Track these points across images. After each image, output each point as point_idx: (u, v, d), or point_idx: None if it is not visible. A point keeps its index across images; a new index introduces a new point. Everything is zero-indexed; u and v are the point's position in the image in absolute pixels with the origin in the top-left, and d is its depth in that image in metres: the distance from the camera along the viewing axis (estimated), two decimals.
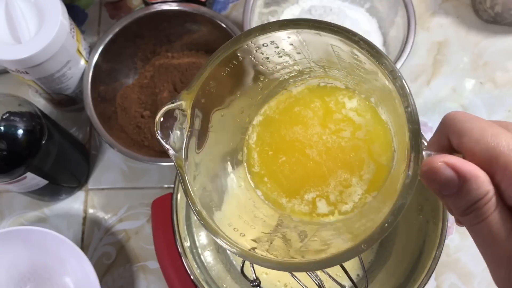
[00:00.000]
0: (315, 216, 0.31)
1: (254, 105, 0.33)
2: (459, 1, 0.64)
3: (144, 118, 0.57)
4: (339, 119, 0.32)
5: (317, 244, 0.28)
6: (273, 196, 0.32)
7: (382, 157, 0.31)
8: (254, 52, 0.29)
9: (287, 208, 0.31)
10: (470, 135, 0.24)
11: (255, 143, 0.33)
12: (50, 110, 0.60)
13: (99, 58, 0.55)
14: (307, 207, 0.31)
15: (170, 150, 0.28)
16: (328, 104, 0.32)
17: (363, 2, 0.59)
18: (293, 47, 0.29)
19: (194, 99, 0.28)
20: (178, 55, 0.59)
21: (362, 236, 0.25)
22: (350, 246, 0.25)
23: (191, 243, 0.46)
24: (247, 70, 0.31)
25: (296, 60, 0.31)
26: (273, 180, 0.32)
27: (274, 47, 0.29)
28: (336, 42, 0.27)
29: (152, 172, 0.58)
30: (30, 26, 0.47)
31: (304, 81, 0.33)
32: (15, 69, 0.48)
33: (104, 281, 0.54)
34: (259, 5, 0.57)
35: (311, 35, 0.27)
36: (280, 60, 0.31)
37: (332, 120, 0.32)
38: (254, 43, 0.28)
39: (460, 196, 0.23)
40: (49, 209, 0.57)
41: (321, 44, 0.28)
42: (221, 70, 0.29)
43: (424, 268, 0.46)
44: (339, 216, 0.31)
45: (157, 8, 0.56)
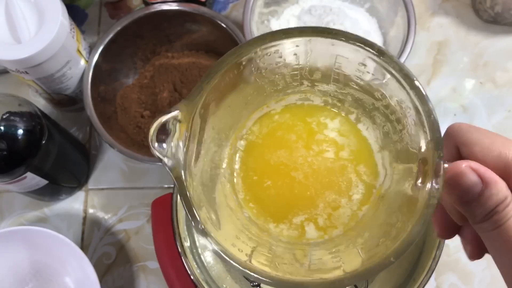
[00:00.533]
0: (305, 239, 0.31)
1: (239, 119, 0.33)
2: (459, 1, 0.64)
3: (144, 118, 0.57)
4: (322, 140, 0.32)
5: (326, 263, 0.28)
6: (260, 222, 0.31)
7: (369, 176, 0.31)
8: (257, 61, 0.29)
9: (274, 233, 0.31)
10: (481, 144, 0.24)
11: (239, 168, 0.32)
12: (50, 110, 0.60)
13: (99, 58, 0.55)
14: (296, 232, 0.31)
15: (168, 162, 0.27)
16: (310, 126, 0.32)
17: (363, 2, 0.59)
18: (296, 57, 0.29)
19: (196, 110, 0.27)
20: (178, 55, 0.59)
21: (380, 249, 0.25)
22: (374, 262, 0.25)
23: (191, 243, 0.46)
24: (243, 81, 0.30)
25: (290, 73, 0.31)
26: (259, 205, 0.31)
27: (277, 57, 0.29)
28: (346, 52, 0.27)
29: (152, 172, 0.58)
30: (30, 26, 0.47)
31: (285, 97, 0.33)
32: (15, 69, 0.48)
33: (104, 281, 0.54)
34: (259, 5, 0.57)
35: (321, 45, 0.28)
36: (276, 71, 0.30)
37: (316, 142, 0.32)
38: (261, 51, 0.28)
39: (481, 201, 0.23)
40: (49, 209, 0.57)
41: (326, 55, 0.28)
42: (223, 80, 0.28)
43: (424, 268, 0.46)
44: (328, 236, 0.30)
45: (157, 8, 0.56)
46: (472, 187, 0.23)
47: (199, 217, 0.26)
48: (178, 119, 0.27)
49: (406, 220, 0.25)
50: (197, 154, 0.29)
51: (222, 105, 0.30)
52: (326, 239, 0.30)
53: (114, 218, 0.56)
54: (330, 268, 0.27)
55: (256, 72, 0.30)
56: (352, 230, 0.30)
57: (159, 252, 0.46)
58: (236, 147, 0.33)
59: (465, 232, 0.27)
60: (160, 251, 0.46)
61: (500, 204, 0.23)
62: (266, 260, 0.27)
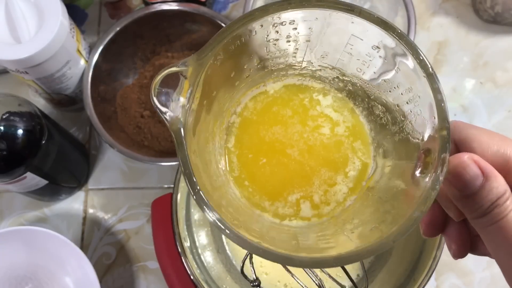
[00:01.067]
0: (298, 218, 0.30)
1: (236, 92, 0.32)
2: (459, 1, 0.64)
3: (144, 118, 0.57)
4: (316, 115, 0.31)
5: (313, 243, 0.28)
6: (255, 200, 0.31)
7: (365, 154, 0.30)
8: (271, 28, 0.27)
9: (270, 211, 0.30)
10: (479, 140, 0.25)
11: (233, 146, 0.31)
12: (50, 110, 0.60)
13: (99, 58, 0.55)
14: (291, 209, 0.30)
15: (168, 112, 0.25)
16: (303, 102, 0.32)
17: (363, 2, 0.59)
18: (310, 31, 0.28)
19: (204, 68, 0.26)
20: (178, 55, 0.59)
21: (374, 234, 0.25)
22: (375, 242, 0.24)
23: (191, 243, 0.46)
24: (251, 49, 0.29)
25: (297, 50, 0.30)
26: (254, 183, 0.31)
27: (292, 28, 0.28)
28: (363, 33, 0.26)
29: (152, 172, 0.58)
30: (30, 26, 0.47)
31: (284, 78, 0.32)
32: (15, 69, 0.48)
33: (104, 281, 0.54)
34: (259, 5, 0.57)
35: (341, 21, 0.26)
36: (284, 46, 0.29)
37: (310, 117, 0.31)
38: (279, 17, 0.27)
39: (482, 195, 0.23)
40: (49, 209, 0.57)
41: (341, 33, 0.27)
42: (233, 42, 0.27)
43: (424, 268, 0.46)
44: (324, 217, 0.30)
45: (157, 8, 0.56)
46: (474, 179, 0.23)
47: (195, 179, 0.25)
48: (185, 75, 0.26)
49: (405, 207, 0.25)
50: (197, 115, 0.27)
51: (227, 71, 0.29)
52: (310, 224, 0.30)
53: (114, 218, 0.56)
54: (322, 248, 0.27)
55: (267, 41, 0.28)
56: (335, 218, 0.30)
57: (159, 252, 0.46)
58: (230, 122, 0.32)
59: (450, 230, 0.27)
60: (160, 251, 0.46)
61: (500, 197, 0.23)
62: (257, 234, 0.27)
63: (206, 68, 0.26)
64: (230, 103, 0.32)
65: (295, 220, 0.30)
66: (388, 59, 0.27)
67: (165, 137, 0.56)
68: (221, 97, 0.30)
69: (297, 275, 0.39)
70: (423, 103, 0.26)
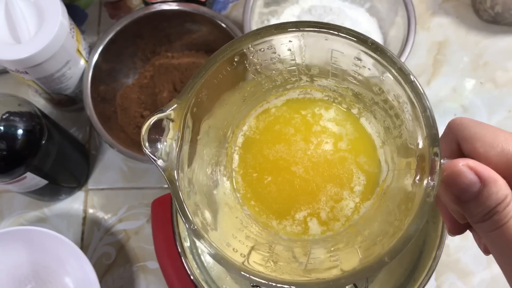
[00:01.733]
0: (308, 235, 0.30)
1: (237, 116, 0.32)
2: (459, 1, 0.64)
3: (144, 118, 0.57)
4: (319, 131, 0.31)
5: (323, 262, 0.28)
6: (263, 219, 0.31)
7: (370, 166, 0.30)
8: (250, 57, 0.28)
9: (279, 230, 0.30)
10: (483, 140, 0.24)
11: (238, 166, 0.32)
12: (50, 110, 0.60)
13: (99, 58, 0.55)
14: (299, 227, 0.30)
15: (160, 163, 0.26)
16: (306, 118, 0.32)
17: (363, 2, 0.59)
18: (290, 53, 0.29)
19: (187, 108, 0.27)
20: (178, 55, 0.59)
21: (376, 249, 0.25)
22: (370, 262, 0.24)
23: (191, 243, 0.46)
24: (237, 77, 0.29)
25: (286, 68, 0.30)
26: (260, 202, 0.31)
27: (271, 53, 0.28)
28: (341, 47, 0.27)
29: (152, 172, 0.58)
30: (30, 26, 0.47)
31: (285, 92, 0.32)
32: (15, 69, 0.48)
33: (104, 281, 0.54)
34: (259, 5, 0.57)
35: (315, 39, 0.27)
36: (272, 67, 0.30)
37: (313, 134, 0.31)
38: (253, 47, 0.27)
39: (480, 201, 0.23)
40: (49, 209, 0.57)
41: (321, 50, 0.28)
42: (215, 77, 0.28)
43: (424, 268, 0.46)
44: (331, 232, 0.30)
45: (157, 8, 0.56)
46: (470, 186, 0.23)
47: (192, 218, 0.26)
48: (171, 118, 0.26)
49: (403, 218, 0.25)
50: (191, 154, 0.28)
51: (218, 103, 0.30)
52: (327, 236, 0.30)
53: (114, 218, 0.56)
54: (327, 267, 0.27)
55: (251, 68, 0.29)
56: (353, 227, 0.30)
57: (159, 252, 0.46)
58: (236, 144, 0.32)
59: None
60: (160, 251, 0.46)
61: (500, 203, 0.22)
62: (263, 260, 0.27)
63: (190, 107, 0.27)
64: (232, 128, 0.32)
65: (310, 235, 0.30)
66: (374, 68, 0.27)
67: None
68: (220, 127, 0.31)
69: None
70: (410, 110, 0.25)
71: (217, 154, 0.32)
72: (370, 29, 0.58)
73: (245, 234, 0.29)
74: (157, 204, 0.47)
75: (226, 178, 0.32)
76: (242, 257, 0.27)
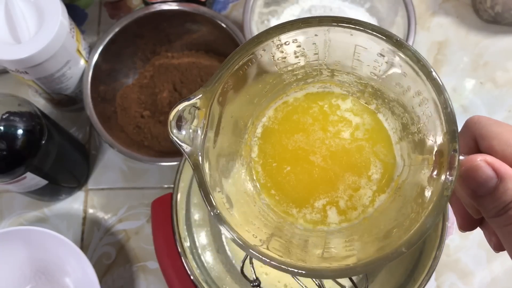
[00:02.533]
0: (326, 224, 0.31)
1: (258, 107, 0.33)
2: (459, 1, 0.64)
3: (144, 118, 0.57)
4: (336, 121, 0.32)
5: (339, 251, 0.28)
6: (283, 208, 0.31)
7: (387, 155, 0.31)
8: (275, 49, 0.29)
9: (298, 218, 0.31)
10: (500, 138, 0.24)
11: (257, 156, 0.32)
12: (50, 110, 0.60)
13: (99, 58, 0.55)
14: (318, 215, 0.31)
15: (186, 148, 0.27)
16: (323, 108, 0.32)
17: (363, 2, 0.59)
18: (315, 46, 0.29)
19: (213, 97, 0.28)
20: (178, 55, 0.59)
21: (392, 240, 0.25)
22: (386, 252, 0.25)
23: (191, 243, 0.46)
24: (261, 69, 0.30)
25: (309, 62, 0.31)
26: (280, 191, 0.32)
27: (296, 46, 0.29)
28: (365, 42, 0.27)
29: (152, 172, 0.58)
30: (30, 26, 0.47)
31: (305, 86, 0.33)
32: (15, 69, 0.48)
33: (104, 281, 0.54)
34: (259, 5, 0.57)
35: (341, 34, 0.27)
36: (294, 60, 0.30)
37: (331, 123, 0.32)
38: (280, 39, 0.28)
39: (496, 196, 0.23)
40: (49, 209, 0.57)
41: (345, 45, 0.28)
42: (241, 68, 0.29)
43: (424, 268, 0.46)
44: (347, 222, 0.31)
45: (157, 8, 0.56)
46: (487, 181, 0.23)
47: (215, 203, 0.27)
48: (197, 106, 0.28)
49: (420, 211, 0.25)
50: (214, 141, 0.29)
51: (241, 93, 0.30)
52: (342, 227, 0.30)
53: (114, 218, 0.56)
54: (343, 256, 0.27)
55: (275, 60, 0.30)
56: (367, 220, 0.30)
57: (159, 252, 0.46)
58: (254, 134, 0.33)
59: (487, 223, 0.26)
60: (160, 251, 0.46)
61: None
62: (280, 247, 0.28)
63: (216, 96, 0.28)
64: (252, 119, 0.33)
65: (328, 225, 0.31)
66: (394, 64, 0.28)
67: (165, 137, 0.56)
68: (241, 117, 0.32)
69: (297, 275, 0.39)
70: (431, 106, 0.26)
71: (237, 143, 0.32)
72: None
73: (263, 222, 0.30)
74: (157, 204, 0.47)
75: (245, 167, 0.32)
76: (261, 243, 0.27)
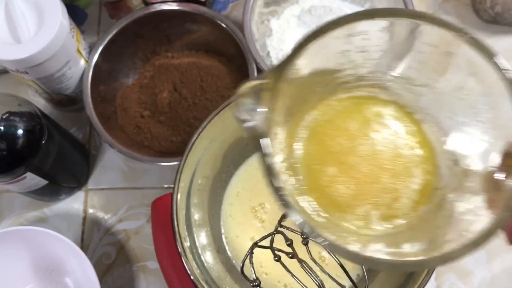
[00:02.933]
0: (368, 229, 0.30)
1: (308, 104, 0.32)
2: (459, 1, 0.64)
3: (144, 118, 0.57)
4: (380, 128, 0.31)
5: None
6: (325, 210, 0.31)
7: (429, 166, 0.30)
8: (343, 40, 0.28)
9: (339, 224, 0.30)
10: None
11: (301, 158, 0.32)
12: (50, 110, 0.60)
13: (99, 58, 0.55)
14: (360, 222, 0.30)
15: (252, 125, 0.26)
16: (367, 114, 0.32)
17: (363, 2, 0.59)
18: (381, 41, 0.29)
19: (280, 80, 0.27)
20: (178, 55, 0.60)
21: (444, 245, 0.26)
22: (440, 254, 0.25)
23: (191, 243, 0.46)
24: (327, 59, 0.30)
25: (367, 60, 0.30)
26: (322, 195, 0.31)
27: (363, 39, 0.28)
28: (434, 38, 0.27)
29: (152, 172, 0.58)
30: (30, 26, 0.47)
31: (354, 89, 0.32)
32: (15, 69, 0.48)
33: (104, 281, 0.54)
34: (259, 5, 0.57)
35: (408, 28, 0.27)
36: (357, 55, 0.30)
37: (375, 130, 0.31)
38: (349, 30, 0.27)
39: None
40: (49, 209, 0.57)
41: (411, 41, 0.28)
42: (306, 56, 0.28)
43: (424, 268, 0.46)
44: (391, 227, 0.30)
45: (157, 8, 0.56)
46: None
47: (282, 186, 0.26)
48: (264, 87, 0.27)
49: (484, 213, 0.25)
50: (275, 126, 0.29)
51: (301, 84, 0.30)
52: (387, 233, 0.30)
53: (114, 218, 0.56)
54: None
55: (338, 54, 0.29)
56: (413, 225, 0.30)
57: (159, 252, 0.46)
58: (300, 133, 0.32)
59: None
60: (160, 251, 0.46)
61: None
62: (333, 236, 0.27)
63: (283, 80, 0.27)
64: (301, 114, 0.32)
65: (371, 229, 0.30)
66: (463, 63, 0.27)
67: (165, 137, 0.56)
68: (294, 108, 0.31)
69: (297, 275, 0.39)
70: (504, 105, 0.26)
71: (288, 138, 0.32)
72: None
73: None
74: (157, 204, 0.47)
75: (288, 166, 0.32)
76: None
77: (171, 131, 0.56)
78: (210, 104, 0.55)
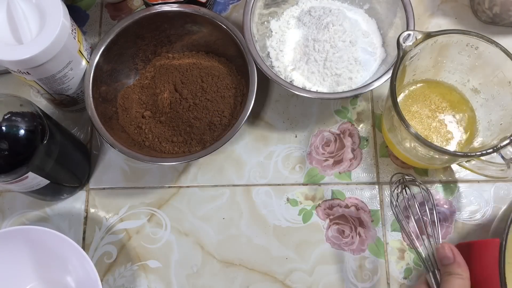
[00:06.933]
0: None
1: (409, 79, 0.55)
2: (457, 2, 0.64)
3: (145, 118, 0.57)
4: (440, 106, 0.55)
5: None
6: None
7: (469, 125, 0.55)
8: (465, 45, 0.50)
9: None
10: None
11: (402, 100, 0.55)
12: (52, 110, 0.60)
13: (100, 59, 0.55)
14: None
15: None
16: (435, 96, 0.55)
17: (362, 3, 0.60)
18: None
19: (426, 40, 0.47)
20: (179, 56, 0.60)
21: None
22: None
23: None
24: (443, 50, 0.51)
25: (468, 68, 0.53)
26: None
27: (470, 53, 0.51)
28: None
29: (153, 172, 0.58)
30: (32, 27, 0.47)
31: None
32: (16, 70, 0.49)
33: (105, 280, 0.54)
34: (259, 6, 0.57)
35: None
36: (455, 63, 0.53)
37: (436, 108, 0.54)
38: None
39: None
40: (51, 208, 0.57)
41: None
42: (446, 37, 0.48)
43: None
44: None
45: (158, 9, 0.57)
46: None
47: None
48: (416, 37, 0.47)
49: None
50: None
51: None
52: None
53: (115, 218, 0.57)
54: None
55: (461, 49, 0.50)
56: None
57: None
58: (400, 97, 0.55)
59: None
60: None
61: None
62: None
63: (425, 41, 0.47)
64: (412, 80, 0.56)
65: None
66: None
67: (166, 137, 0.56)
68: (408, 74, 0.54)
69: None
70: None
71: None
72: (369, 30, 0.58)
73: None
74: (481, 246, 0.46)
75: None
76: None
77: (172, 131, 0.56)
78: (211, 104, 0.55)
